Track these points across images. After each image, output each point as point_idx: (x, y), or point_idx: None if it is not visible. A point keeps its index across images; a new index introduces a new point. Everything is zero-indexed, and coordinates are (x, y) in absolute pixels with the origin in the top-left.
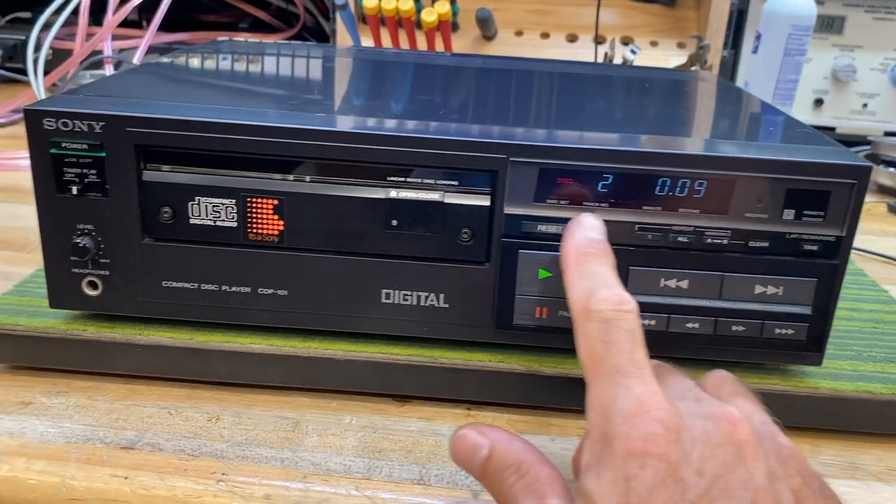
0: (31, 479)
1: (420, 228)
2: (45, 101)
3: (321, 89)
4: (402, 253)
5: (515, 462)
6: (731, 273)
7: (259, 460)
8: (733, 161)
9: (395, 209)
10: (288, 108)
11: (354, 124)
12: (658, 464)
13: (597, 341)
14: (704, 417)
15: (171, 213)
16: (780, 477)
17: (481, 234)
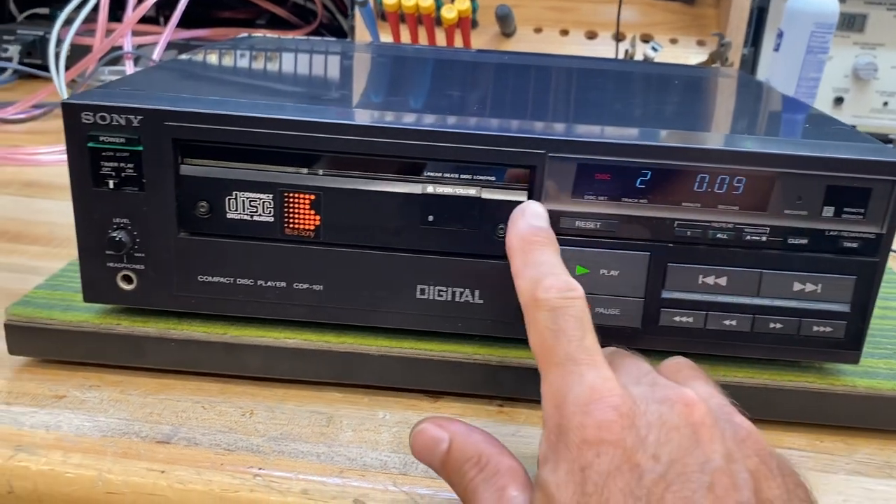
0: (68, 473)
1: (456, 224)
2: (82, 94)
3: (353, 85)
4: (438, 248)
5: (475, 454)
6: (769, 270)
7: (295, 455)
8: (773, 157)
9: (432, 205)
10: (324, 103)
11: (392, 119)
12: (613, 451)
13: (546, 331)
14: (659, 401)
15: (208, 207)
16: (737, 458)
17: None
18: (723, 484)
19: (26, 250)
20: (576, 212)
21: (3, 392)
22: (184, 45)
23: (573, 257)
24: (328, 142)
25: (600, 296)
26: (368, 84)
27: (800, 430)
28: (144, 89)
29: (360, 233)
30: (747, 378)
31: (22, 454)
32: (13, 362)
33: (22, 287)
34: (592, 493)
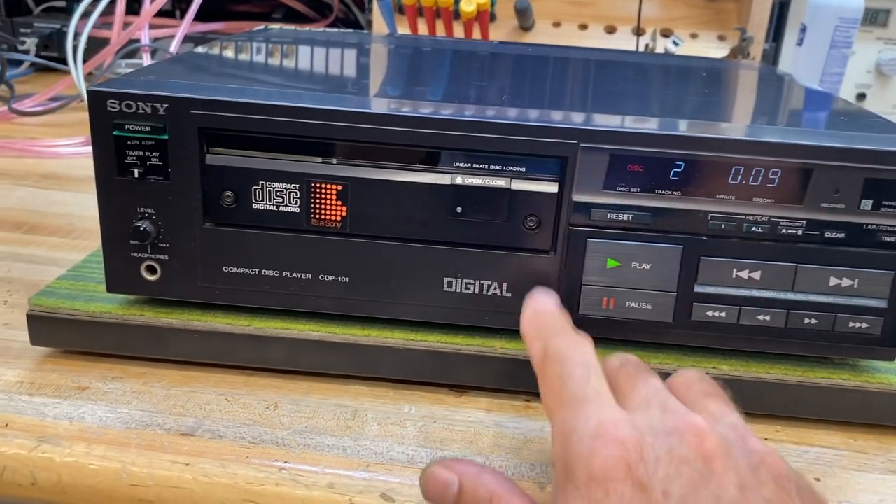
0: (92, 465)
1: (485, 215)
2: (108, 82)
3: (378, 75)
4: (466, 240)
5: (486, 496)
6: (804, 264)
7: (321, 448)
8: (810, 149)
9: (460, 196)
10: (350, 92)
11: (422, 109)
12: (622, 488)
13: (554, 379)
14: (668, 432)
15: (234, 197)
16: (751, 486)
17: (547, 222)
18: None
19: (44, 241)
20: (607, 203)
21: (26, 383)
22: (200, 38)
23: (604, 250)
24: (357, 131)
25: (632, 290)
26: (394, 74)
27: (833, 428)
28: (172, 78)
29: (387, 224)
30: (780, 375)
31: (45, 445)
32: (35, 353)
33: (41, 278)
34: None
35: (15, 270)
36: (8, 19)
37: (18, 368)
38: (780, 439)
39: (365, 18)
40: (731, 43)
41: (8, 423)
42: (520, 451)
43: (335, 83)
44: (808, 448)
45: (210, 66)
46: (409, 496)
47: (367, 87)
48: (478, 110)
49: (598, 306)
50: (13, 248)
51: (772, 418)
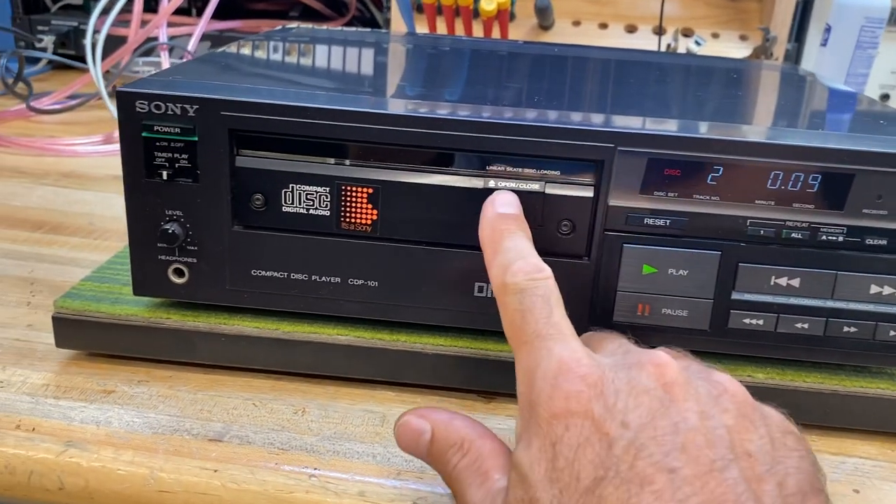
0: (119, 470)
1: None
2: (137, 83)
3: (407, 76)
4: None
5: (457, 440)
6: (845, 272)
7: (350, 455)
8: (852, 154)
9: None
10: (381, 94)
11: (454, 112)
12: (581, 422)
13: (515, 313)
14: (629, 366)
15: (263, 200)
16: (712, 414)
17: (582, 228)
18: (696, 443)
19: (66, 241)
20: (644, 208)
21: (52, 386)
22: (217, 36)
23: (640, 256)
24: (390, 133)
25: (668, 296)
26: (424, 75)
27: (871, 438)
28: (200, 78)
29: (418, 228)
30: (816, 383)
31: (73, 450)
32: (60, 355)
33: (64, 279)
34: (563, 467)
35: (38, 271)
36: (25, 17)
37: (44, 371)
38: (817, 449)
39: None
40: (752, 43)
41: (35, 427)
42: None
43: (363, 84)
44: (845, 459)
45: (236, 66)
46: None
47: (398, 89)
48: (515, 113)
49: (633, 313)
50: (35, 248)
51: (808, 428)
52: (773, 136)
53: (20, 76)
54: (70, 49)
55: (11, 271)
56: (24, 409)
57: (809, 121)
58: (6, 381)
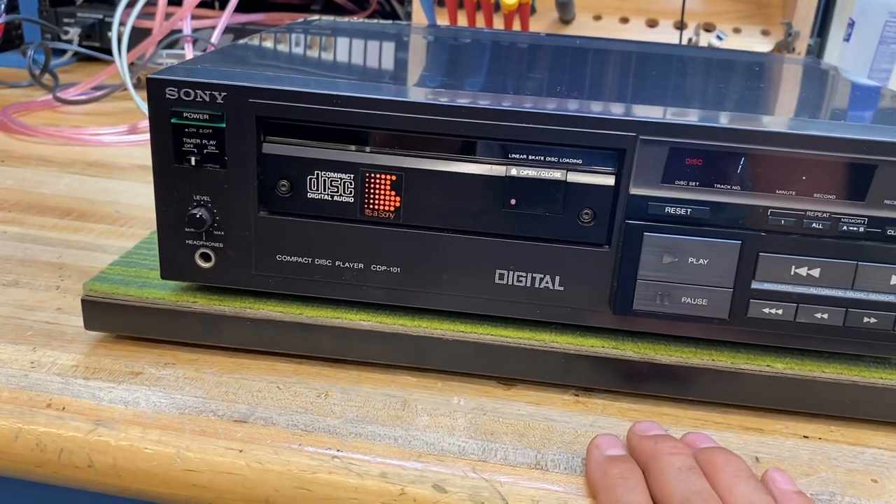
0: (147, 449)
1: (539, 208)
2: (167, 70)
3: (432, 66)
4: (519, 233)
5: None
6: (865, 262)
7: (372, 437)
8: (874, 145)
9: (515, 187)
10: (405, 83)
11: (481, 101)
12: None
13: None
14: None
15: (289, 186)
16: None
17: (603, 216)
18: None
19: (93, 228)
20: (665, 197)
21: (81, 367)
22: (240, 29)
23: (661, 244)
24: (414, 122)
25: (688, 285)
26: (448, 65)
27: (889, 429)
28: (228, 66)
29: (441, 215)
30: (835, 374)
31: (101, 429)
32: (89, 338)
33: (91, 264)
34: None
35: (66, 256)
36: (52, 9)
37: (73, 353)
38: (836, 440)
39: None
40: (775, 38)
41: (65, 406)
42: (571, 445)
43: (386, 74)
44: (863, 449)
45: (261, 56)
46: (462, 487)
47: (422, 78)
48: (537, 102)
49: (653, 301)
50: (63, 234)
51: (826, 418)
52: (795, 126)
53: (47, 67)
54: (95, 41)
55: (41, 256)
56: (54, 388)
57: (831, 112)
58: (37, 361)
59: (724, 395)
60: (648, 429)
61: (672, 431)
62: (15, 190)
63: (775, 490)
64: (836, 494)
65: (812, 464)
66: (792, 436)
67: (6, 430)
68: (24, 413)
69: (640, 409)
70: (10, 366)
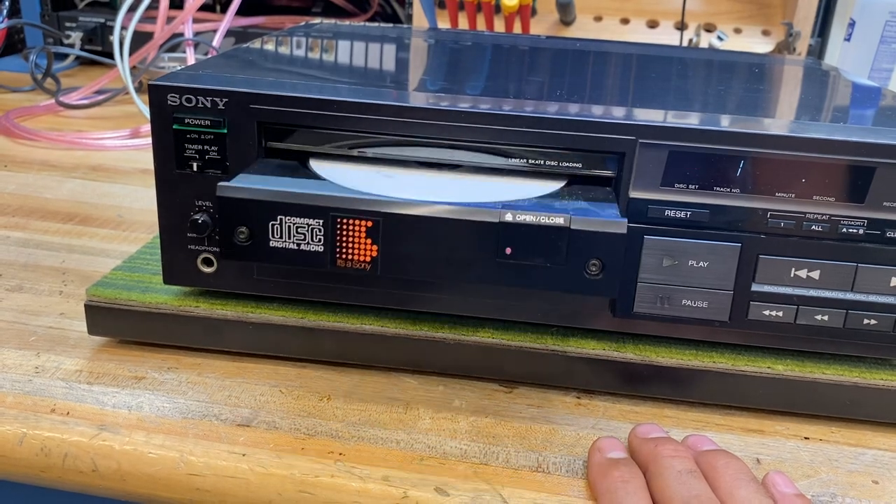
0: (150, 453)
1: (539, 258)
2: (168, 76)
3: (429, 70)
4: (516, 286)
5: None
6: (865, 264)
7: (374, 441)
8: (873, 147)
9: (510, 235)
10: (403, 88)
11: (480, 105)
12: None
13: None
14: None
15: (249, 233)
16: None
17: (613, 267)
18: None
19: (96, 233)
20: (665, 200)
21: (85, 372)
22: (241, 32)
23: (661, 247)
24: (410, 126)
25: (688, 288)
26: (446, 69)
27: (890, 430)
28: (229, 72)
29: (424, 267)
30: (836, 375)
31: (105, 433)
32: (92, 342)
33: (94, 269)
34: None
35: (69, 261)
36: (54, 13)
37: (77, 357)
38: (836, 441)
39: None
40: (775, 38)
41: (69, 411)
42: (572, 448)
43: (386, 78)
44: (864, 450)
45: (263, 61)
46: (464, 490)
47: (421, 83)
48: (537, 106)
49: (654, 304)
50: (66, 239)
51: (827, 419)
52: (794, 129)
53: (49, 72)
54: (97, 45)
55: (44, 261)
56: (58, 393)
57: (831, 114)
58: (41, 366)
59: (725, 397)
60: (649, 431)
61: (673, 433)
62: (18, 195)
63: (776, 493)
64: (836, 496)
65: (813, 465)
66: (793, 437)
67: (11, 435)
68: (28, 418)
69: (642, 411)
70: (15, 371)
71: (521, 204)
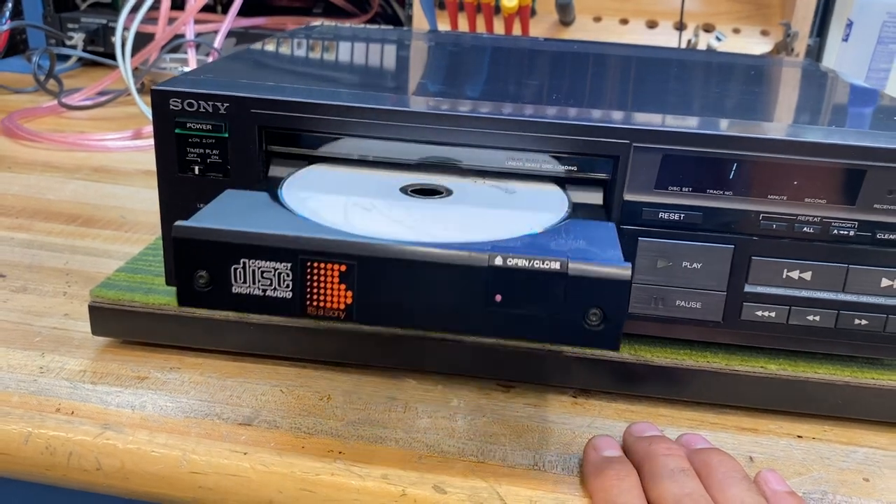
0: (154, 452)
1: (532, 306)
2: (170, 81)
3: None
4: (506, 336)
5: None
6: (856, 265)
7: (374, 440)
8: (864, 150)
9: (501, 280)
10: (401, 91)
11: (481, 109)
12: None
13: None
14: None
15: (209, 278)
16: None
17: (616, 316)
18: None
19: (98, 234)
20: (659, 203)
21: (89, 372)
22: (242, 33)
23: (655, 249)
24: (408, 130)
25: (682, 289)
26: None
27: (882, 428)
28: (230, 77)
29: (404, 314)
30: (828, 375)
31: (109, 432)
32: (96, 343)
33: (97, 270)
34: None
35: (73, 262)
36: (56, 15)
37: (81, 358)
38: (829, 439)
39: (405, 14)
40: (774, 38)
41: (73, 411)
42: (568, 447)
43: (385, 82)
44: (856, 448)
45: (264, 64)
46: (462, 488)
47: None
48: (534, 110)
49: (648, 304)
50: (70, 240)
51: (819, 418)
52: (786, 132)
53: (51, 73)
54: (99, 46)
55: (47, 262)
56: (63, 393)
57: (823, 117)
58: (46, 366)
59: (719, 396)
60: (644, 430)
61: (667, 432)
62: (21, 196)
63: (767, 490)
64: (827, 493)
65: (805, 463)
66: (786, 436)
67: (17, 434)
68: (33, 417)
69: (637, 410)
70: (20, 371)
71: (512, 245)
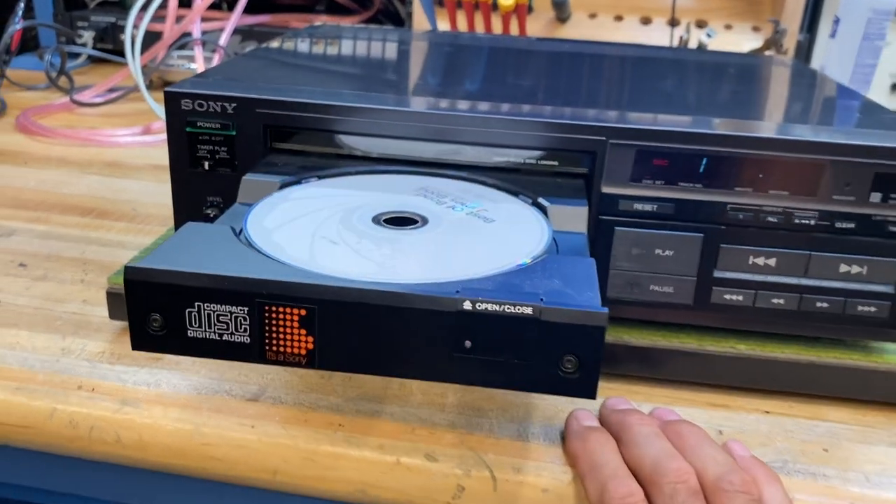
0: (168, 426)
1: (504, 354)
2: (182, 83)
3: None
4: (476, 383)
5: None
6: (817, 252)
7: (371, 414)
8: (823, 146)
9: (470, 326)
10: (396, 91)
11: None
12: None
13: None
14: None
15: (162, 322)
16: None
17: (591, 364)
18: None
19: (112, 226)
20: (634, 195)
21: (107, 353)
22: (247, 30)
23: (630, 238)
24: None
25: (655, 274)
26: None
27: (844, 405)
28: (237, 78)
29: (367, 361)
30: (794, 354)
31: (127, 408)
32: (113, 327)
33: (112, 259)
34: None
35: (89, 252)
36: (66, 13)
37: (99, 340)
38: (794, 414)
39: (405, 11)
40: (765, 34)
41: (94, 388)
42: (551, 420)
43: (381, 82)
44: (819, 423)
45: (269, 65)
46: (451, 457)
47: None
48: (513, 108)
49: (625, 289)
50: (86, 231)
51: (786, 395)
52: (753, 129)
53: (63, 70)
54: (108, 43)
55: (65, 252)
56: (83, 372)
57: (787, 114)
58: (67, 348)
59: (692, 375)
60: (617, 403)
61: (643, 408)
62: (38, 190)
63: (734, 455)
64: (788, 462)
65: (770, 435)
66: (754, 411)
67: (42, 409)
68: (57, 394)
69: (615, 387)
70: (44, 352)
71: (482, 287)
